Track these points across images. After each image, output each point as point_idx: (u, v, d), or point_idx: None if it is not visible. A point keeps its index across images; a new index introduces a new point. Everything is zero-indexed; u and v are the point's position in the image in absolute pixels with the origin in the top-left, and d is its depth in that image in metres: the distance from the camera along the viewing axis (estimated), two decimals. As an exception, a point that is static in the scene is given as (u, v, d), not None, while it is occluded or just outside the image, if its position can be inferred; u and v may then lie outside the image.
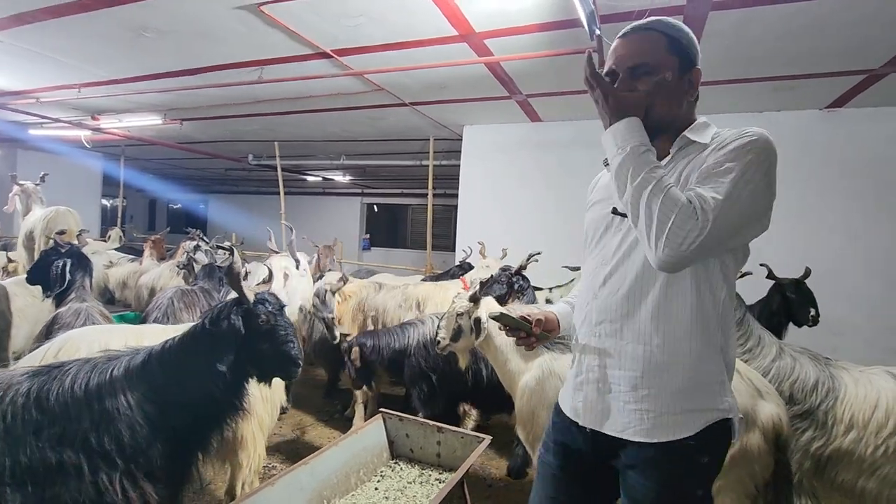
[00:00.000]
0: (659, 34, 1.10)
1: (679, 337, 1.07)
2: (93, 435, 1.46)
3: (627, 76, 1.10)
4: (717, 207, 0.94)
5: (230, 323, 1.59)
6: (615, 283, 1.14)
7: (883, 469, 1.97)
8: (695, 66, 1.11)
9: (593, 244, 1.23)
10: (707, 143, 1.06)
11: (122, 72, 4.33)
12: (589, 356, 1.18)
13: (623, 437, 1.10)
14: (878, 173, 4.25)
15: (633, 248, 1.12)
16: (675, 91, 1.09)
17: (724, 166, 0.98)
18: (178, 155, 8.66)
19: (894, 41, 3.08)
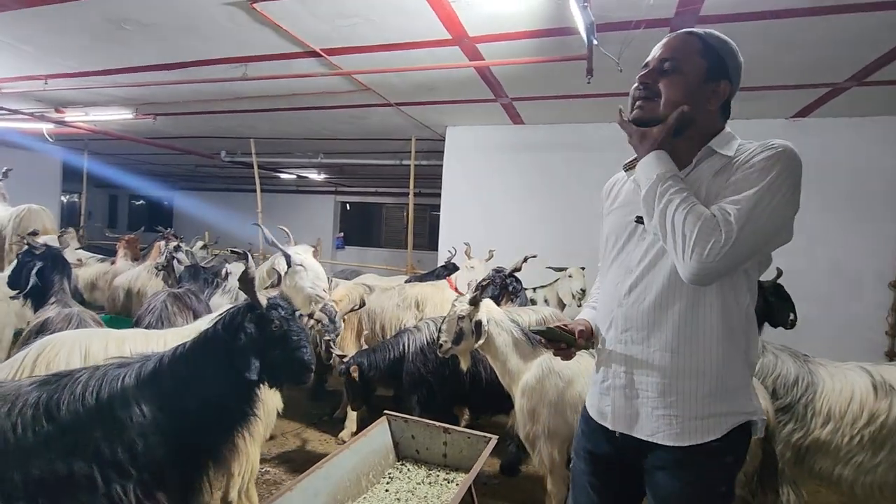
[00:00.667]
0: (697, 38, 1.15)
1: (706, 344, 1.10)
2: (105, 445, 1.43)
3: (655, 66, 1.15)
4: (741, 219, 0.99)
5: (244, 329, 1.57)
6: (641, 292, 1.16)
7: (857, 457, 2.13)
8: (725, 78, 1.14)
9: (615, 251, 1.25)
10: (731, 156, 1.10)
11: (94, 64, 4.13)
12: (615, 362, 1.21)
13: (653, 440, 1.14)
14: (838, 180, 4.53)
15: (658, 257, 1.14)
16: (694, 92, 1.12)
17: (750, 179, 1.03)
18: (146, 150, 8.32)
19: (856, 58, 3.30)
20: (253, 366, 1.55)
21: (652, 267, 1.15)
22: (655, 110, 1.14)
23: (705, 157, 1.14)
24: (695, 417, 1.11)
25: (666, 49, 1.15)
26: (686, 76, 1.12)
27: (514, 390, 2.40)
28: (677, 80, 1.12)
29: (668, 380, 1.13)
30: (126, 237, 5.32)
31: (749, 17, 2.80)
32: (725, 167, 1.10)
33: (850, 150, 4.51)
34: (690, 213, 1.02)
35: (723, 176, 1.09)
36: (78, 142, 7.62)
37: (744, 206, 1.01)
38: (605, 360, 1.25)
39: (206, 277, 3.73)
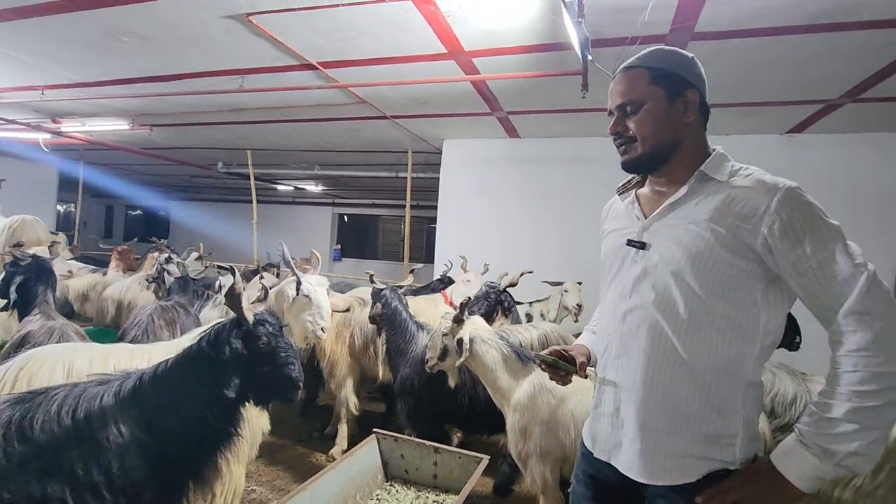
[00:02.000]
0: (642, 70, 1.14)
1: (692, 387, 1.05)
2: (80, 466, 1.38)
3: (619, 114, 1.16)
4: (868, 311, 0.92)
5: (231, 346, 1.53)
6: (634, 320, 1.13)
7: (857, 480, 2.07)
8: (688, 88, 1.12)
9: (612, 275, 1.22)
10: (724, 181, 1.07)
11: (92, 75, 4.13)
12: (607, 388, 1.19)
13: (628, 475, 1.11)
14: (833, 195, 4.50)
15: (647, 281, 1.11)
16: (665, 117, 1.11)
17: (817, 271, 0.96)
18: (142, 161, 8.31)
19: (850, 75, 3.32)
20: (232, 384, 1.50)
21: (643, 293, 1.12)
22: (638, 149, 1.14)
23: (700, 180, 1.10)
24: (668, 456, 1.07)
25: (619, 94, 1.15)
26: (650, 109, 1.12)
27: (506, 408, 2.36)
28: (643, 117, 1.12)
29: (647, 413, 1.09)
30: (119, 248, 5.27)
31: (744, 34, 2.82)
32: (722, 195, 1.06)
33: (845, 166, 4.53)
34: (868, 406, 0.90)
35: (722, 207, 1.05)
36: (74, 152, 7.61)
37: (855, 301, 0.93)
38: (599, 385, 1.23)
39: (196, 290, 3.69)
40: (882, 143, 4.46)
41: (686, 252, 1.06)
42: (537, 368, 2.35)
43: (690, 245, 1.05)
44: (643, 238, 1.14)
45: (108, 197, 14.58)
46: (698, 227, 1.05)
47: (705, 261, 1.03)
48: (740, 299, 1.03)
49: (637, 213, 1.20)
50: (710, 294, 1.03)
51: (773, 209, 1.00)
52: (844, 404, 0.91)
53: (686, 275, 1.05)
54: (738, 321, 1.03)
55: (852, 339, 0.93)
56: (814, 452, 0.93)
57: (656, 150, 1.13)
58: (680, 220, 1.09)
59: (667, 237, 1.10)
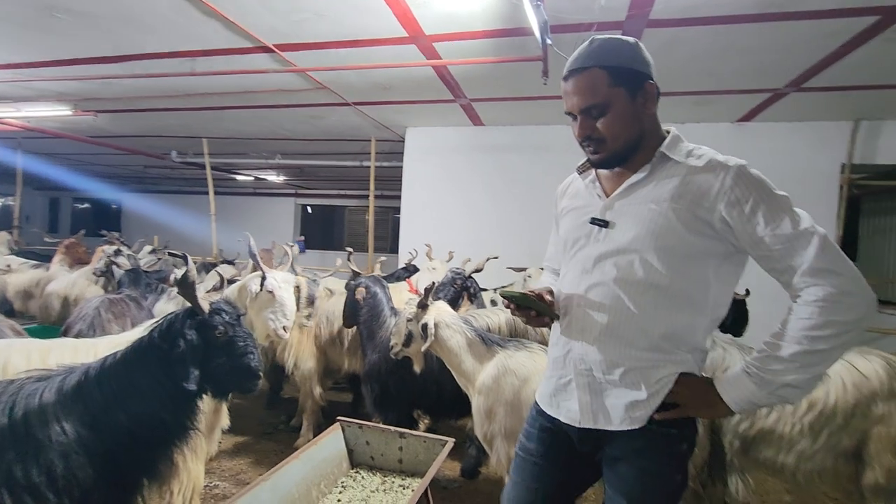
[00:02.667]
0: (598, 70, 1.12)
1: (660, 341, 1.13)
2: (18, 467, 1.29)
3: (584, 118, 1.16)
4: (826, 263, 1.00)
5: (185, 337, 1.47)
6: (596, 295, 1.18)
7: (799, 445, 2.21)
8: (645, 80, 1.14)
9: (573, 252, 1.25)
10: (682, 161, 1.13)
11: (23, 55, 3.85)
12: (575, 361, 1.22)
13: (614, 429, 1.16)
14: (780, 181, 4.66)
15: (610, 259, 1.16)
16: (631, 115, 1.14)
17: (774, 233, 1.04)
18: (89, 149, 7.85)
19: (794, 64, 3.48)
20: (192, 375, 1.45)
21: (606, 268, 1.17)
22: (608, 149, 1.16)
23: (660, 161, 1.16)
24: (627, 407, 1.15)
25: (581, 98, 1.15)
26: (615, 110, 1.13)
27: (471, 391, 2.38)
28: (610, 119, 1.13)
29: (624, 373, 1.15)
30: (67, 241, 4.96)
31: (697, 22, 2.90)
32: (680, 175, 1.12)
33: (791, 154, 4.76)
34: (824, 351, 1.00)
35: (681, 187, 1.11)
36: (11, 140, 7.10)
37: (812, 257, 1.01)
38: (563, 356, 1.25)
39: (149, 282, 3.52)
40: (822, 131, 4.71)
41: (648, 231, 1.11)
42: (501, 351, 2.38)
43: (652, 224, 1.10)
44: (606, 217, 1.18)
45: (52, 188, 13.73)
46: (660, 207, 1.10)
47: (666, 239, 1.09)
48: (695, 275, 1.11)
49: (599, 193, 1.23)
50: (670, 270, 1.10)
51: (727, 187, 1.07)
52: (794, 346, 1.01)
53: (648, 253, 1.11)
54: (692, 295, 1.12)
55: (812, 292, 1.01)
56: (755, 381, 1.05)
57: (627, 146, 1.16)
58: (642, 200, 1.14)
59: (629, 216, 1.15)
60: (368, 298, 3.06)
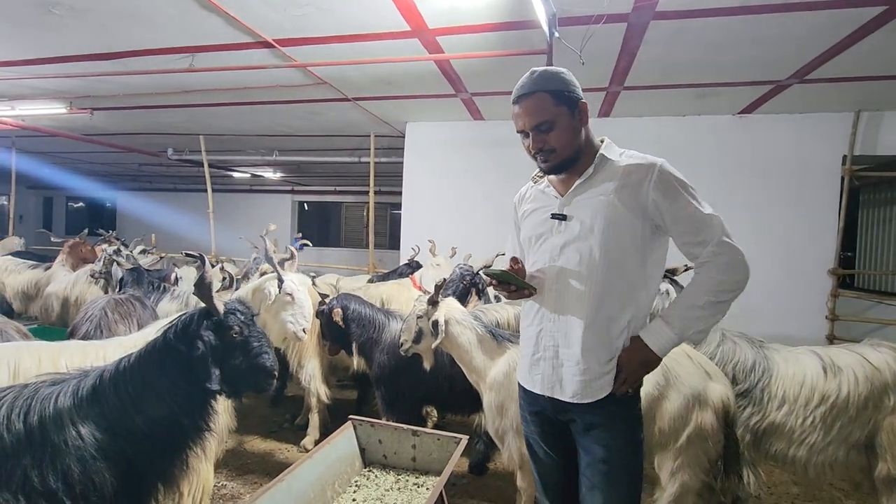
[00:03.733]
0: (543, 93, 1.36)
1: (616, 317, 1.37)
2: (35, 473, 1.27)
3: (536, 133, 1.38)
4: (715, 234, 1.32)
5: (202, 338, 1.45)
6: (564, 277, 1.40)
7: (810, 438, 2.22)
8: (579, 101, 1.38)
9: (538, 245, 1.47)
10: (617, 160, 1.39)
11: (19, 53, 3.78)
12: (545, 338, 1.44)
13: (572, 401, 1.39)
14: (781, 173, 4.78)
15: (572, 246, 1.39)
16: (573, 128, 1.38)
17: (681, 210, 1.33)
18: (84, 148, 7.75)
19: (798, 56, 3.46)
20: (214, 376, 1.46)
21: (569, 256, 1.39)
22: (558, 158, 1.39)
23: (601, 162, 1.40)
24: (603, 377, 1.37)
25: (532, 117, 1.37)
26: (561, 125, 1.36)
27: (482, 387, 2.37)
28: (558, 132, 1.37)
29: (581, 351, 1.37)
30: (70, 241, 4.88)
31: (703, 14, 2.88)
32: (619, 172, 1.37)
33: (793, 145, 4.76)
34: (718, 304, 1.32)
35: (621, 180, 1.36)
36: (5, 139, 7.01)
37: (708, 229, 1.32)
38: (535, 336, 1.47)
39: (151, 281, 3.48)
40: (824, 123, 4.70)
41: (602, 218, 1.35)
42: (512, 347, 2.37)
43: (604, 212, 1.35)
44: (564, 211, 1.42)
45: (46, 188, 13.58)
46: (607, 198, 1.35)
47: (616, 223, 1.34)
48: (638, 252, 1.36)
49: (554, 194, 1.47)
50: (621, 250, 1.35)
51: (654, 178, 1.33)
52: (707, 297, 1.31)
53: (603, 236, 1.34)
54: (638, 268, 1.38)
55: (720, 261, 1.31)
56: (673, 328, 1.34)
57: (572, 154, 1.40)
58: (592, 194, 1.38)
59: (584, 208, 1.39)
60: (351, 316, 2.99)
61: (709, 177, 4.82)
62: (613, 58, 3.61)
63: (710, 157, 4.93)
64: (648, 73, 3.86)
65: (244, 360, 1.54)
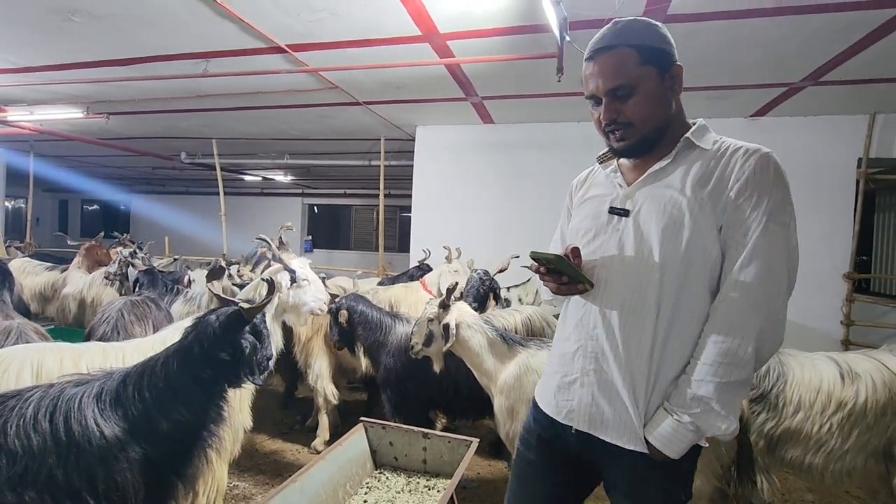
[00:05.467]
0: (628, 49, 1.07)
1: (684, 351, 1.07)
2: (60, 472, 1.30)
3: (610, 100, 1.09)
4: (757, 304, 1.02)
5: (246, 342, 1.51)
6: (614, 288, 1.11)
7: (827, 445, 2.18)
8: (673, 63, 1.09)
9: (587, 240, 1.19)
10: (708, 149, 1.09)
11: (40, 59, 3.86)
12: (584, 359, 1.15)
13: (619, 444, 1.09)
14: (794, 176, 4.56)
15: (631, 250, 1.10)
16: (660, 97, 1.09)
17: (746, 224, 1.03)
18: (99, 151, 7.89)
19: (812, 58, 3.43)
20: (258, 371, 1.55)
21: (626, 262, 1.11)
22: (636, 134, 1.10)
23: (685, 148, 1.11)
24: (656, 422, 1.08)
25: (608, 78, 1.08)
26: (644, 91, 1.07)
27: (493, 390, 2.37)
28: (640, 100, 1.08)
29: (638, 383, 1.08)
30: (86, 244, 4.97)
31: (713, 17, 2.87)
32: (705, 162, 1.09)
33: (806, 148, 4.70)
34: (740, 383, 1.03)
35: (705, 175, 1.07)
36: (23, 143, 7.15)
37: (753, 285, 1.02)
38: (571, 354, 1.18)
39: (165, 283, 3.53)
40: (839, 125, 4.65)
41: (669, 218, 1.06)
42: (522, 350, 2.37)
43: (674, 211, 1.06)
44: (626, 206, 1.14)
45: (62, 191, 13.82)
46: (681, 195, 1.06)
47: (684, 227, 1.05)
48: (709, 262, 1.05)
49: (619, 182, 1.19)
50: (688, 259, 1.05)
51: (748, 170, 1.04)
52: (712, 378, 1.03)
53: (667, 241, 1.06)
54: (708, 284, 1.07)
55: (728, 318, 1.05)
56: (685, 425, 1.05)
57: (654, 131, 1.10)
58: (664, 187, 1.09)
59: (650, 205, 1.10)
60: (357, 318, 3.00)
61: (720, 180, 4.79)
62: (624, 61, 3.60)
63: (722, 161, 4.89)
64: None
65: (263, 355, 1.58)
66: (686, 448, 1.04)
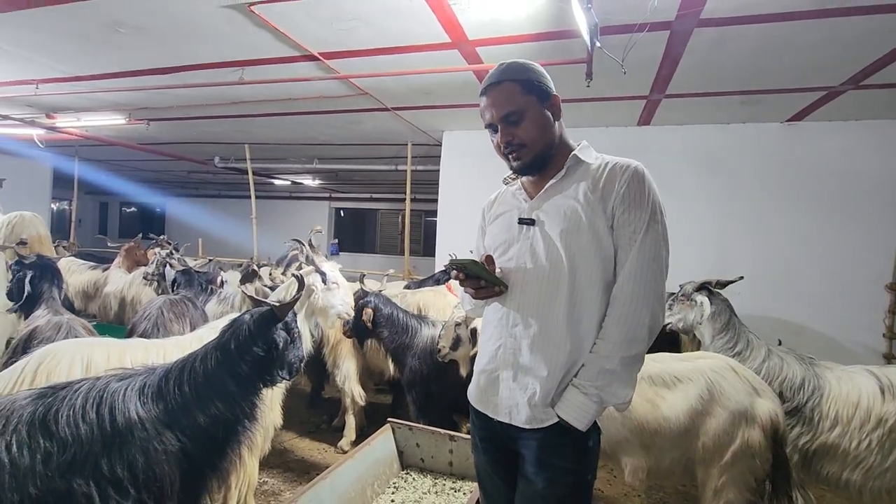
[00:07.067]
0: (510, 83, 1.28)
1: (590, 336, 1.23)
2: (104, 461, 1.37)
3: (505, 125, 1.28)
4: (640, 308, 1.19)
5: (278, 338, 1.57)
6: (529, 288, 1.27)
7: (867, 461, 2.11)
8: (551, 94, 1.30)
9: (502, 251, 1.35)
10: (592, 163, 1.29)
11: (88, 68, 4.07)
12: (505, 354, 1.30)
13: (529, 426, 1.23)
14: (833, 183, 4.56)
15: (539, 254, 1.26)
16: (545, 121, 1.29)
17: (630, 241, 1.21)
18: (138, 156, 8.22)
19: (853, 61, 3.32)
20: (290, 370, 1.62)
21: (536, 264, 1.27)
22: (530, 153, 1.29)
23: (574, 164, 1.30)
24: (558, 401, 1.22)
25: (500, 107, 1.28)
26: (530, 116, 1.27)
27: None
28: (527, 124, 1.27)
29: (547, 372, 1.23)
30: (126, 245, 5.19)
31: (749, 21, 2.81)
32: (591, 174, 1.28)
33: (845, 154, 4.54)
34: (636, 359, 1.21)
35: (592, 184, 1.26)
36: (69, 148, 7.52)
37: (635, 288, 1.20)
38: (494, 351, 1.32)
39: (200, 283, 3.66)
40: (881, 130, 4.47)
41: (570, 223, 1.24)
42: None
43: (572, 216, 1.24)
44: (532, 216, 1.31)
45: (102, 193, 14.43)
46: (576, 203, 1.24)
47: (583, 228, 1.23)
48: (605, 257, 1.23)
49: (524, 197, 1.37)
50: (588, 256, 1.22)
51: (625, 181, 1.23)
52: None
53: (571, 242, 1.23)
54: (603, 276, 1.23)
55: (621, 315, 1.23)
56: (591, 397, 1.21)
57: (544, 150, 1.29)
58: (562, 197, 1.28)
59: (552, 213, 1.28)
60: (381, 319, 3.05)
61: (753, 187, 4.67)
62: (655, 66, 3.56)
63: (756, 167, 4.76)
64: (691, 81, 3.79)
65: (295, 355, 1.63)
66: (592, 419, 1.20)
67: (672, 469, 2.13)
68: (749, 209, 4.67)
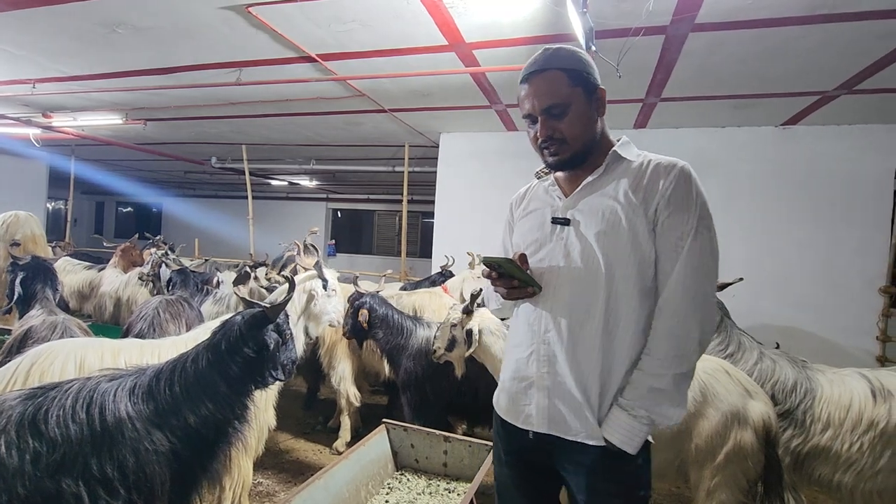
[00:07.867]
0: (557, 72, 1.17)
1: (627, 345, 1.14)
2: (94, 461, 1.37)
3: (545, 118, 1.18)
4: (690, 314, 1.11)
5: (269, 339, 1.57)
6: (562, 291, 1.18)
7: (858, 464, 2.12)
8: (598, 87, 1.21)
9: (533, 251, 1.26)
10: (634, 161, 1.20)
11: (85, 68, 4.06)
12: (538, 362, 1.20)
13: (576, 440, 1.14)
14: (827, 187, 4.60)
15: (575, 256, 1.17)
16: (588, 116, 1.19)
17: (674, 252, 1.12)
18: (135, 156, 8.20)
19: (846, 67, 3.36)
20: (282, 371, 1.62)
21: (571, 267, 1.18)
22: (569, 150, 1.19)
23: (614, 161, 1.21)
24: (605, 415, 1.15)
25: (543, 98, 1.18)
26: (575, 110, 1.17)
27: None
28: (572, 118, 1.17)
29: (589, 380, 1.14)
30: (122, 246, 5.18)
31: (744, 26, 2.84)
32: (633, 173, 1.18)
33: (839, 158, 4.58)
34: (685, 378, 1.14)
35: (634, 183, 1.17)
36: (66, 147, 7.50)
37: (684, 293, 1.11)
38: (526, 359, 1.23)
39: (196, 283, 3.65)
40: (874, 135, 4.51)
41: (607, 224, 1.15)
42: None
43: (611, 217, 1.15)
44: (566, 215, 1.22)
45: (98, 193, 14.40)
46: (616, 203, 1.15)
47: (622, 230, 1.14)
48: (643, 261, 1.14)
49: (558, 194, 1.27)
50: (625, 260, 1.13)
51: (671, 182, 1.14)
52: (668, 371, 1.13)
53: (608, 245, 1.14)
54: (640, 282, 1.14)
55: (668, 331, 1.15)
56: (640, 420, 1.13)
57: (585, 147, 1.20)
58: (599, 196, 1.19)
59: (588, 213, 1.19)
60: (376, 320, 3.05)
61: (747, 190, 4.69)
62: (650, 69, 3.58)
63: (750, 170, 4.79)
64: (686, 85, 3.82)
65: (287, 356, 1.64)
66: (641, 442, 1.11)
67: (665, 470, 2.14)
68: (743, 212, 4.69)
